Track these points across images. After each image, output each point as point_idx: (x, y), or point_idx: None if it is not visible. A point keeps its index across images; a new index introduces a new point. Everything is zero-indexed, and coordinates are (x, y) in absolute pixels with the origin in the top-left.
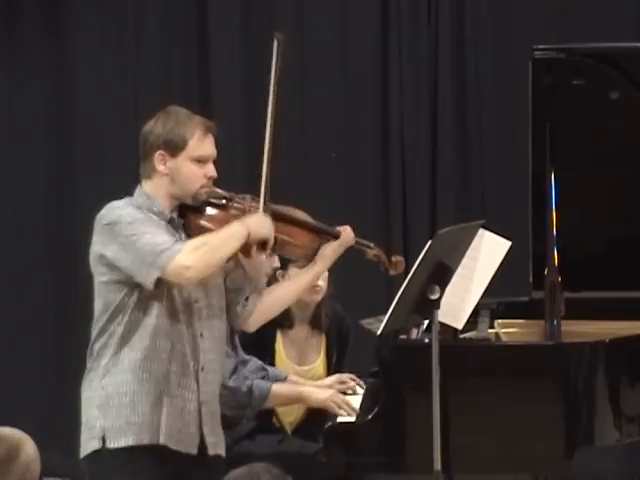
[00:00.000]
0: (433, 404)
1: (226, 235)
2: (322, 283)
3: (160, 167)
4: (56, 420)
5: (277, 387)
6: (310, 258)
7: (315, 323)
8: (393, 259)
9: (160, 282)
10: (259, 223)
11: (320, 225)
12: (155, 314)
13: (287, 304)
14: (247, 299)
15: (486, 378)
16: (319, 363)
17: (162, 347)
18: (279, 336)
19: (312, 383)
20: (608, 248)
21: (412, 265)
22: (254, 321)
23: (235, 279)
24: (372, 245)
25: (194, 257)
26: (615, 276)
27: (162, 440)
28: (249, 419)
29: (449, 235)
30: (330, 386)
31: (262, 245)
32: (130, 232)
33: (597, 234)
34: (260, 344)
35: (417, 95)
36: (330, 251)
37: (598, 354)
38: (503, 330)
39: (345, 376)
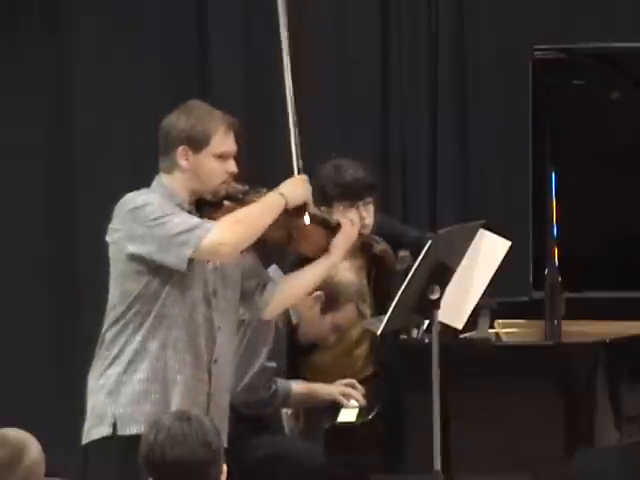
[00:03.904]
0: (433, 404)
1: (262, 207)
2: (368, 221)
3: (182, 162)
4: (56, 418)
5: (295, 386)
6: (323, 252)
7: (362, 251)
8: (400, 253)
9: (192, 262)
10: (293, 188)
11: (326, 217)
12: (172, 305)
13: (306, 292)
14: (264, 287)
15: (486, 378)
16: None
17: (178, 337)
18: None
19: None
20: (608, 248)
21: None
22: (271, 310)
23: (250, 267)
24: (379, 239)
25: (228, 233)
26: (615, 276)
27: None
28: (267, 415)
29: (449, 235)
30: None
31: (301, 209)
32: (159, 214)
33: (597, 234)
34: None
35: (417, 96)
36: (342, 240)
37: (598, 354)
38: (503, 330)
39: (345, 382)
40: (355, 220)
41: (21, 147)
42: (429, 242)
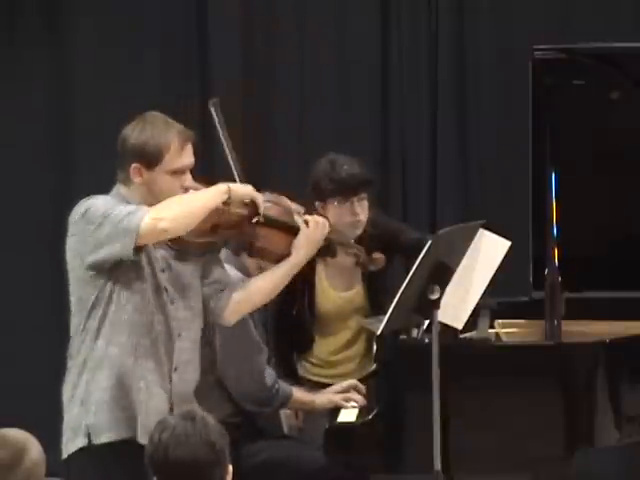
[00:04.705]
0: (433, 404)
1: (202, 191)
2: (362, 217)
3: (136, 179)
4: (56, 419)
5: (295, 392)
6: (286, 257)
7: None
8: (373, 255)
9: (139, 249)
10: (240, 185)
11: (290, 220)
12: (131, 310)
13: (267, 297)
14: (221, 292)
15: (486, 378)
16: (359, 289)
17: (139, 343)
18: (320, 267)
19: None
20: (608, 248)
21: (410, 264)
22: (230, 314)
23: (210, 272)
24: (351, 243)
25: (165, 210)
26: (615, 276)
27: (139, 438)
28: (266, 416)
29: (449, 235)
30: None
31: (251, 212)
32: (102, 211)
33: (597, 234)
34: (297, 277)
35: (417, 96)
36: (303, 240)
37: (598, 354)
38: (503, 330)
39: (346, 384)
40: (320, 222)
41: (21, 147)
42: (429, 242)
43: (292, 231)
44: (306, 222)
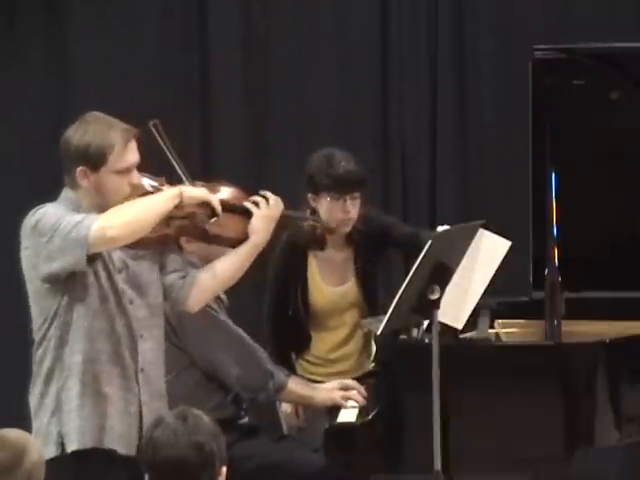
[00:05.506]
0: (433, 404)
1: (153, 196)
2: (353, 215)
3: (83, 182)
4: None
5: (292, 384)
6: (243, 241)
7: (348, 242)
8: (333, 225)
9: (92, 258)
10: (193, 188)
11: (241, 205)
12: (90, 316)
13: (231, 280)
14: (183, 279)
15: (486, 378)
16: (352, 284)
17: (101, 349)
18: (312, 263)
19: (317, 386)
20: (608, 248)
21: (410, 264)
22: (195, 300)
23: (168, 262)
24: (306, 215)
25: (114, 217)
26: (615, 276)
27: (107, 443)
28: (262, 402)
29: (449, 235)
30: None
31: (206, 211)
32: (53, 222)
33: (597, 234)
34: (290, 274)
35: (417, 96)
36: (256, 222)
37: (598, 354)
38: (503, 330)
39: (346, 382)
40: (271, 198)
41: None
42: (429, 242)
43: (245, 215)
44: (255, 203)
